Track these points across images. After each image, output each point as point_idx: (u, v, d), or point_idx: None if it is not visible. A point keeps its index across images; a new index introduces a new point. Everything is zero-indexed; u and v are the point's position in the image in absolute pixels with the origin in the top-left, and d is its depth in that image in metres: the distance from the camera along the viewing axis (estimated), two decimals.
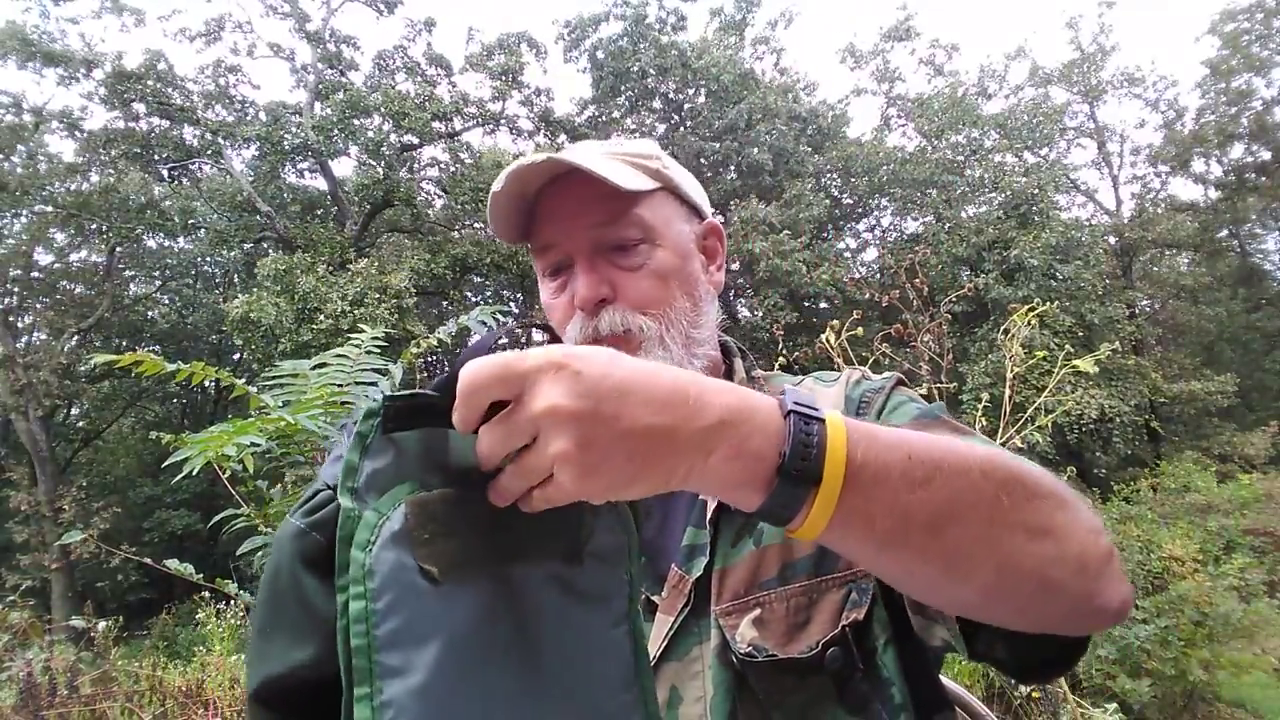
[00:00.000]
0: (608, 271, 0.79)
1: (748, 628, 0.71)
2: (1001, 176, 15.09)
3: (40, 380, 14.40)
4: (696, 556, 0.75)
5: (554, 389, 0.43)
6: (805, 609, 0.71)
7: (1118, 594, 0.55)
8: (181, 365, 1.91)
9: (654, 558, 0.78)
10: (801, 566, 0.73)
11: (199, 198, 16.16)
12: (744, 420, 0.47)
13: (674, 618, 0.73)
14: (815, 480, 0.47)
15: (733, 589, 0.73)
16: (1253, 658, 4.54)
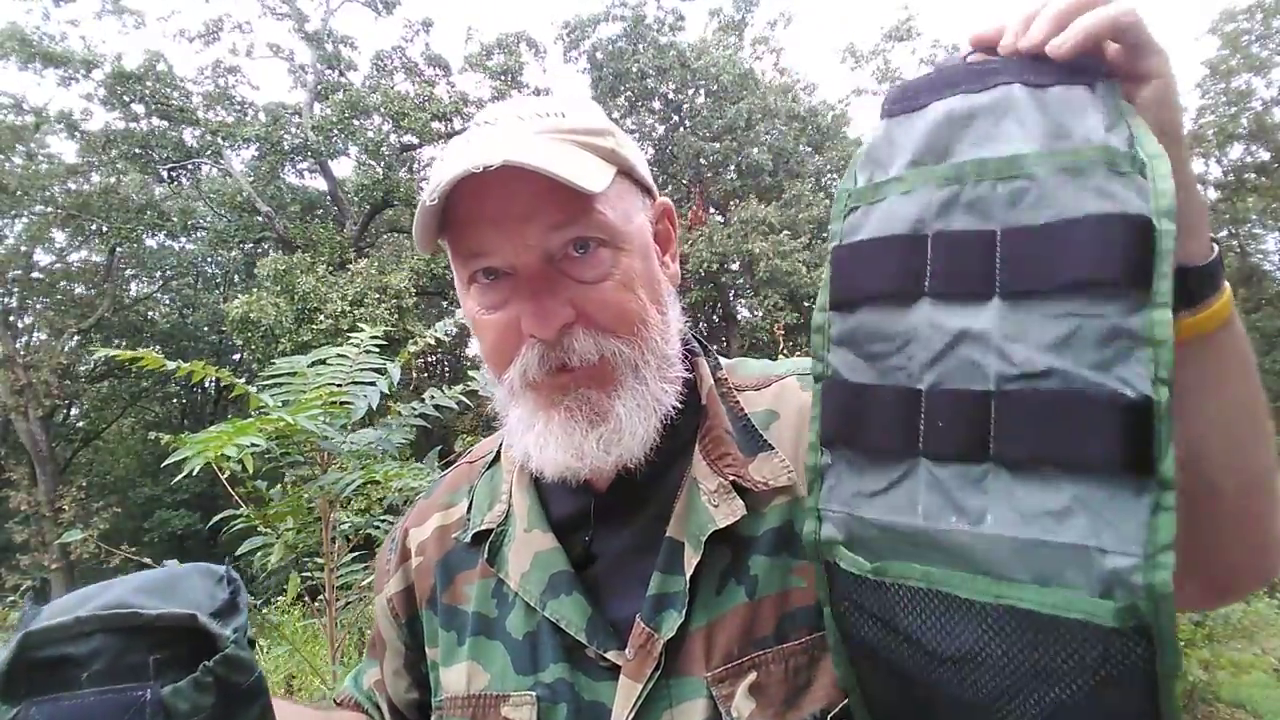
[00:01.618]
0: (566, 289, 0.62)
1: (744, 699, 0.60)
2: None
3: (40, 380, 14.41)
4: (666, 609, 0.63)
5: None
6: (806, 668, 0.62)
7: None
8: (181, 363, 1.91)
9: (607, 605, 0.66)
10: (800, 619, 0.63)
11: (199, 198, 16.18)
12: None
13: (642, 685, 0.61)
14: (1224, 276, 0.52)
15: (725, 649, 0.62)
16: (1253, 658, 4.53)
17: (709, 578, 0.65)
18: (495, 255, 0.63)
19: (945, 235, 0.48)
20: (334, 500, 2.08)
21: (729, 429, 0.70)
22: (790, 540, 0.65)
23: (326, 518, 2.12)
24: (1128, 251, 0.42)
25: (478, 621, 0.71)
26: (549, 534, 0.70)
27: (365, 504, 3.41)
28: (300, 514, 2.12)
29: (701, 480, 0.67)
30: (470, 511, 0.77)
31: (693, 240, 14.93)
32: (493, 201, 0.60)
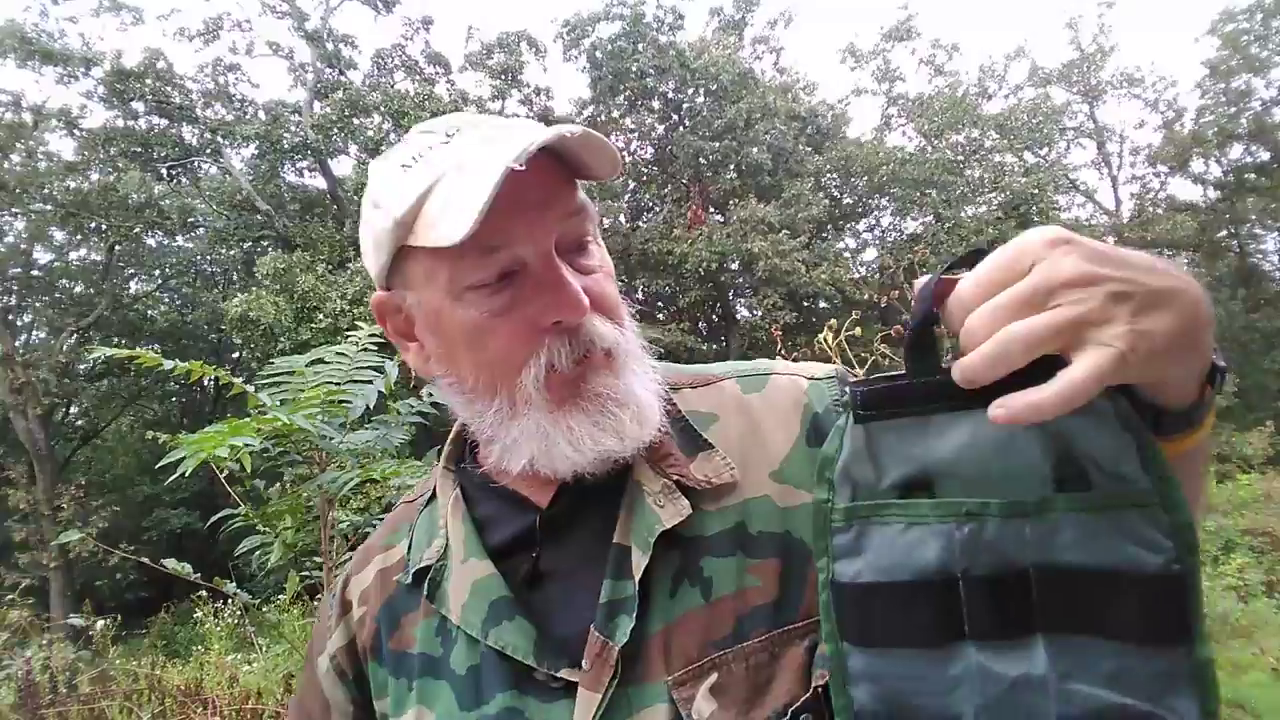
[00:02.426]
0: (573, 277, 0.62)
1: (705, 701, 0.60)
2: (1001, 176, 15.12)
3: (39, 379, 14.40)
4: (619, 615, 0.62)
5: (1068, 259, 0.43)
6: (767, 666, 0.61)
7: None
8: (179, 363, 1.91)
9: (557, 623, 0.65)
10: (759, 617, 0.62)
11: (198, 196, 16.17)
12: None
13: (601, 694, 0.60)
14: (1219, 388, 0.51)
15: (684, 652, 0.61)
16: (1251, 657, 4.54)
17: (661, 581, 0.63)
18: (516, 244, 0.60)
19: (976, 578, 0.48)
20: (333, 499, 2.08)
21: (668, 430, 0.69)
22: (744, 540, 0.64)
23: (325, 516, 2.12)
24: (1169, 611, 0.44)
25: (424, 663, 0.69)
26: (485, 561, 0.68)
27: (364, 503, 3.41)
28: (299, 513, 2.11)
29: (645, 483, 0.66)
30: (410, 551, 0.75)
31: (692, 240, 14.93)
32: (508, 190, 0.55)
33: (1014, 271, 0.44)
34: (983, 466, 0.47)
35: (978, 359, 0.43)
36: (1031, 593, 0.46)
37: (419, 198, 0.60)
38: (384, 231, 0.63)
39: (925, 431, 0.49)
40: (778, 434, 0.69)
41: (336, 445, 1.99)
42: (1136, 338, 0.42)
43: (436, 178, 0.59)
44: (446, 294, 0.62)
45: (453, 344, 0.65)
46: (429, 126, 0.65)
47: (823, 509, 0.54)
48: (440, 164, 0.60)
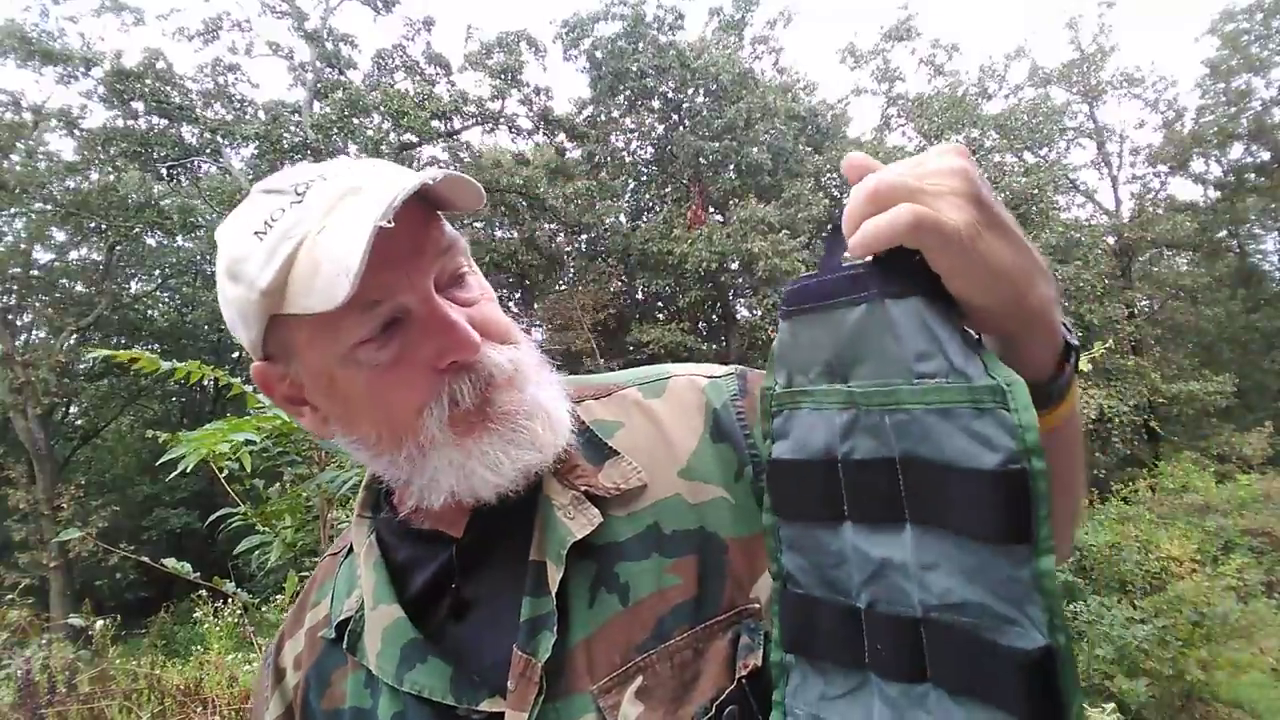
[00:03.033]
0: (458, 312, 0.62)
1: (630, 705, 0.60)
2: (1001, 176, 15.11)
3: (39, 378, 14.40)
4: (540, 632, 0.62)
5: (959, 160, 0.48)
6: (692, 663, 0.62)
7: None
8: (178, 364, 1.91)
9: (479, 655, 0.65)
10: (680, 615, 0.63)
11: (198, 196, 16.16)
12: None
13: (528, 713, 0.60)
14: (1077, 368, 0.55)
15: (607, 660, 0.62)
16: (1250, 657, 4.54)
17: (578, 592, 0.64)
18: (398, 294, 0.59)
19: (852, 461, 0.51)
20: (332, 499, 2.08)
21: (573, 443, 0.69)
22: (659, 541, 0.65)
23: (325, 516, 2.12)
24: (1009, 510, 0.44)
25: (355, 717, 0.69)
26: (393, 605, 0.68)
27: None
28: (298, 512, 2.12)
29: (554, 496, 0.67)
30: (332, 605, 0.74)
31: (692, 240, 14.93)
32: (379, 245, 0.54)
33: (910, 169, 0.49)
34: (867, 356, 0.50)
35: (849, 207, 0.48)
36: (899, 480, 0.48)
37: (282, 265, 0.57)
38: (250, 304, 0.60)
39: (831, 323, 0.51)
40: (681, 433, 0.71)
41: (335, 445, 1.98)
42: (973, 232, 0.46)
43: (298, 242, 0.57)
44: (334, 357, 0.61)
45: (349, 405, 0.64)
46: (273, 184, 0.62)
47: (765, 395, 0.57)
48: (297, 227, 0.58)
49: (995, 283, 0.47)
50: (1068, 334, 0.53)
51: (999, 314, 0.48)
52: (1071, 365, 0.54)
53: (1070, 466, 0.57)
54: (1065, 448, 0.55)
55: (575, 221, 16.01)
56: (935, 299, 0.47)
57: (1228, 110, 18.18)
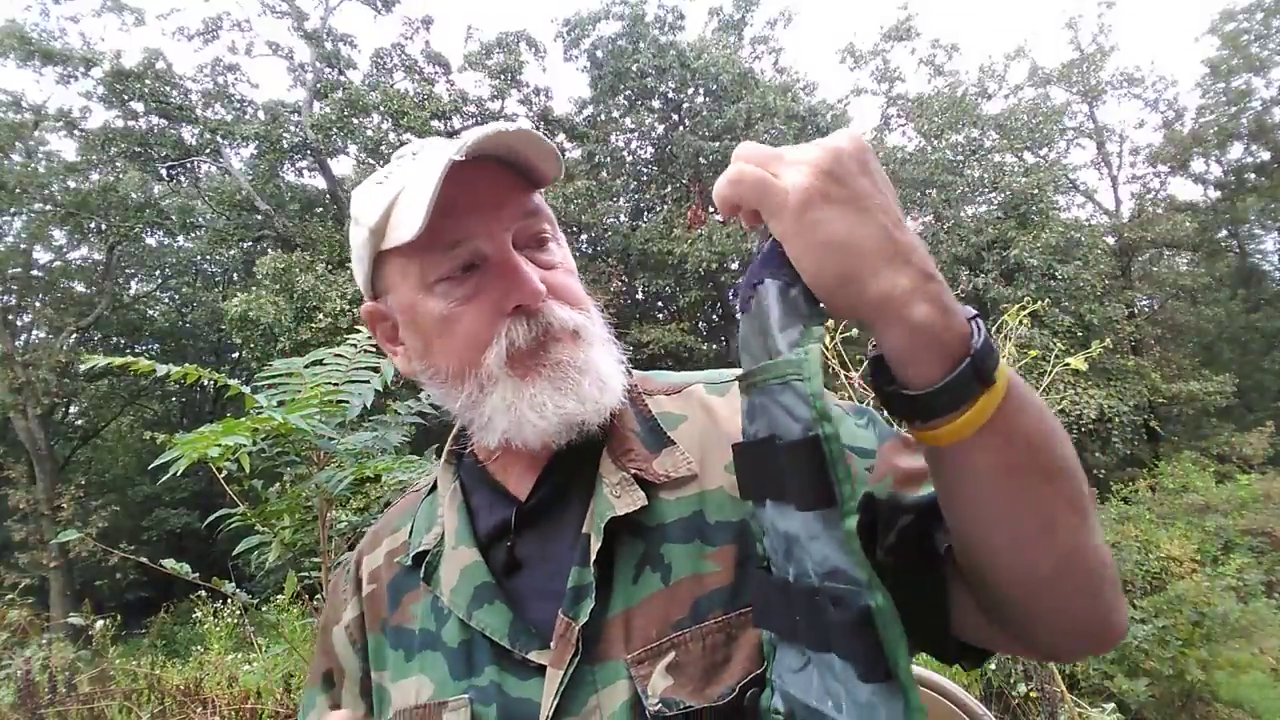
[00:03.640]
0: (533, 268, 0.69)
1: (660, 677, 0.64)
2: (1001, 176, 15.11)
3: (39, 378, 14.40)
4: (583, 599, 0.67)
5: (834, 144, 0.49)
6: (724, 646, 0.65)
7: (1125, 616, 0.58)
8: (174, 368, 1.91)
9: (533, 608, 0.71)
10: (716, 600, 0.67)
11: (198, 196, 16.17)
12: (948, 290, 0.49)
13: (563, 670, 0.65)
14: (989, 381, 0.48)
15: (643, 633, 0.66)
16: (1250, 657, 4.54)
17: (625, 568, 0.69)
18: (476, 239, 0.68)
19: (755, 441, 0.54)
20: (331, 499, 2.08)
21: (635, 429, 0.76)
22: (701, 528, 0.69)
23: (324, 516, 2.11)
24: (811, 478, 0.47)
25: (424, 637, 0.75)
26: (473, 549, 0.74)
27: (364, 502, 3.40)
28: (297, 512, 2.12)
29: (606, 475, 0.72)
30: (411, 536, 0.82)
31: (692, 240, 14.93)
32: (466, 192, 0.65)
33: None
34: (754, 340, 0.53)
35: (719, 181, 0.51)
36: (775, 457, 0.51)
37: (387, 207, 0.68)
38: (362, 243, 0.72)
39: (750, 311, 0.53)
40: (734, 430, 0.73)
41: (334, 445, 1.99)
42: (804, 198, 0.47)
43: (401, 188, 0.68)
44: (418, 288, 0.70)
45: (427, 335, 0.71)
46: (403, 150, 0.74)
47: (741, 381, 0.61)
48: (405, 176, 0.68)
49: (824, 255, 0.47)
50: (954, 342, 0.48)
51: (836, 294, 0.48)
52: (959, 374, 0.47)
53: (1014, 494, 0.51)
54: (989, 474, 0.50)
55: (575, 221, 16.01)
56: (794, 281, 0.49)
57: (1228, 110, 18.18)
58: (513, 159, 0.69)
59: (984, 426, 0.48)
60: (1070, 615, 0.56)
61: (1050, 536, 0.52)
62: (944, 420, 0.49)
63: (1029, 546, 0.53)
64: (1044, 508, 0.51)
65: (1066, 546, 0.52)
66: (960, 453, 0.50)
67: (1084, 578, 0.54)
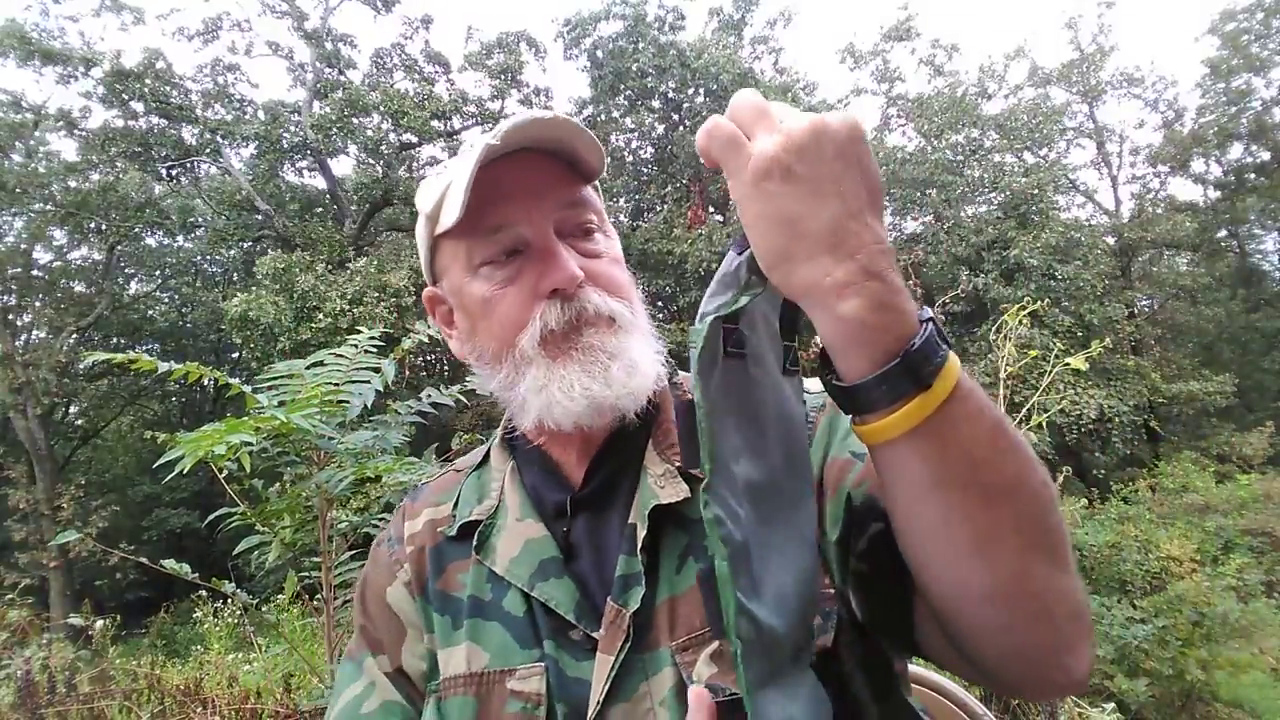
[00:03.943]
0: (573, 255, 0.72)
1: (705, 665, 0.65)
2: (1001, 176, 15.09)
3: (39, 378, 14.40)
4: (632, 587, 0.69)
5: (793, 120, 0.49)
6: None
7: (1086, 662, 0.55)
8: (175, 365, 1.91)
9: (590, 590, 0.72)
10: None
11: (198, 196, 16.17)
12: (897, 292, 0.48)
13: (614, 656, 0.67)
14: (924, 384, 0.47)
15: (687, 621, 0.67)
16: (1250, 657, 4.54)
17: (670, 557, 0.70)
18: (517, 225, 0.70)
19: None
20: (332, 499, 2.08)
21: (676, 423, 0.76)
22: None
23: (324, 516, 2.11)
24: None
25: (473, 605, 0.75)
26: (539, 523, 0.76)
27: (364, 502, 3.40)
28: (297, 512, 2.11)
29: (650, 467, 0.74)
30: (456, 509, 0.83)
31: (692, 240, 14.92)
32: (509, 180, 0.69)
33: None
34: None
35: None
36: None
37: (440, 195, 0.72)
38: (421, 230, 0.77)
39: None
40: None
41: (334, 445, 1.99)
42: (764, 166, 0.47)
43: (454, 177, 0.70)
44: (465, 271, 0.73)
45: (472, 316, 0.75)
46: (466, 142, 0.75)
47: None
48: (458, 166, 0.71)
49: (768, 229, 0.48)
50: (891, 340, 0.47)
51: (772, 270, 0.49)
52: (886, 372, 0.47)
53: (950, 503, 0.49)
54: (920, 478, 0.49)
55: None
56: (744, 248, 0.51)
57: (1228, 110, 18.17)
58: (559, 150, 0.71)
59: (916, 431, 0.48)
60: (1012, 645, 0.54)
61: (982, 558, 0.50)
62: (873, 417, 0.49)
63: (959, 564, 0.51)
64: (978, 528, 0.50)
65: (1006, 571, 0.51)
66: (891, 455, 0.50)
67: (1028, 605, 0.51)
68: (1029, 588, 0.51)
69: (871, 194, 0.49)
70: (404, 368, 2.38)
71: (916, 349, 0.47)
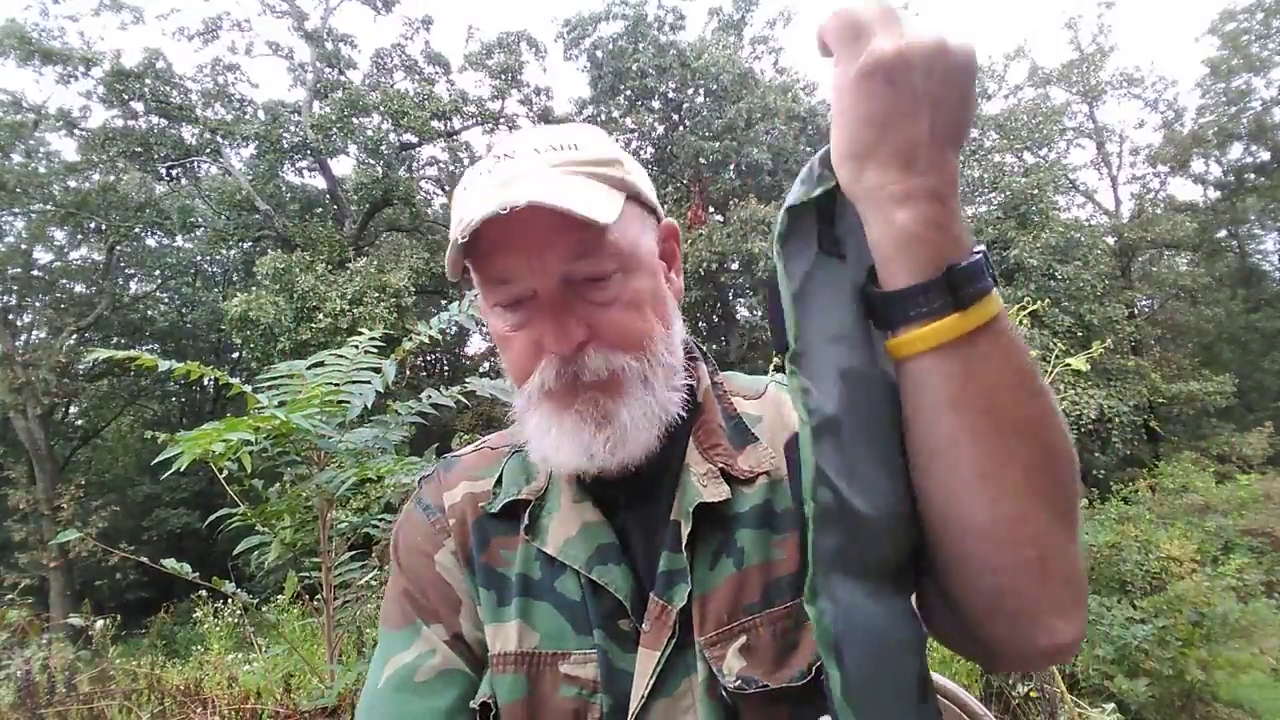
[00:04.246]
0: (581, 309, 0.69)
1: (735, 658, 0.67)
2: (1001, 176, 15.10)
3: (39, 378, 14.40)
4: (677, 584, 0.70)
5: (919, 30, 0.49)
6: (792, 631, 0.68)
7: (1074, 630, 0.55)
8: (177, 364, 1.91)
9: (637, 585, 0.72)
10: (784, 587, 0.70)
11: (198, 196, 16.17)
12: (955, 219, 0.50)
13: (659, 652, 0.68)
14: (961, 305, 0.50)
15: (716, 616, 0.69)
16: (1250, 658, 4.53)
17: (704, 554, 0.71)
18: (518, 282, 0.69)
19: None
20: (332, 499, 2.08)
21: (721, 424, 0.78)
22: (770, 516, 0.72)
23: (324, 516, 2.11)
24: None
25: (523, 583, 0.75)
26: (597, 510, 0.76)
27: (364, 502, 3.40)
28: (298, 512, 2.11)
29: (693, 466, 0.75)
30: (498, 486, 0.82)
31: (692, 240, 14.92)
32: (515, 233, 0.65)
33: None
34: None
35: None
36: None
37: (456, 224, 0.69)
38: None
39: None
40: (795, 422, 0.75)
41: (334, 445, 1.99)
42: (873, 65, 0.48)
43: (459, 219, 0.68)
44: (486, 302, 0.74)
45: (497, 341, 0.76)
46: (495, 150, 0.73)
47: None
48: (462, 207, 0.69)
49: (853, 124, 0.49)
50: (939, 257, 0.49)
51: (841, 165, 0.51)
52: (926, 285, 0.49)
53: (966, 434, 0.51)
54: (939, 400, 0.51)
55: None
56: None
57: (1228, 110, 18.17)
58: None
59: (944, 348, 0.50)
60: (998, 589, 0.54)
61: (984, 488, 0.52)
62: (904, 329, 0.51)
63: (961, 491, 0.53)
64: (985, 454, 0.51)
65: (1005, 508, 0.52)
66: (915, 370, 0.52)
67: (1022, 551, 0.52)
68: (1025, 531, 0.52)
69: (959, 127, 0.50)
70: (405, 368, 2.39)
71: (961, 269, 0.49)
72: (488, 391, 2.16)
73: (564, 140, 0.72)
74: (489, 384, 2.19)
